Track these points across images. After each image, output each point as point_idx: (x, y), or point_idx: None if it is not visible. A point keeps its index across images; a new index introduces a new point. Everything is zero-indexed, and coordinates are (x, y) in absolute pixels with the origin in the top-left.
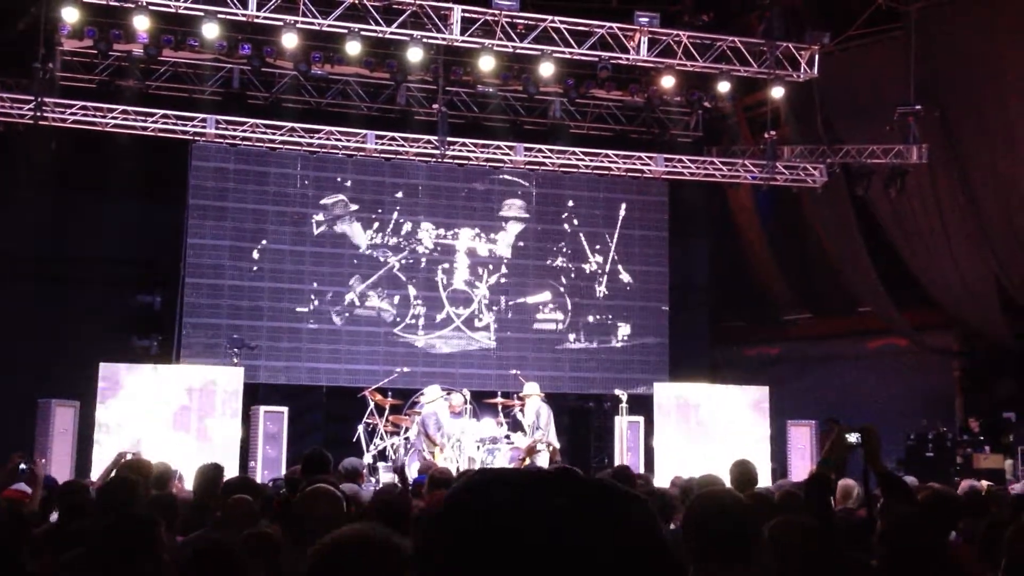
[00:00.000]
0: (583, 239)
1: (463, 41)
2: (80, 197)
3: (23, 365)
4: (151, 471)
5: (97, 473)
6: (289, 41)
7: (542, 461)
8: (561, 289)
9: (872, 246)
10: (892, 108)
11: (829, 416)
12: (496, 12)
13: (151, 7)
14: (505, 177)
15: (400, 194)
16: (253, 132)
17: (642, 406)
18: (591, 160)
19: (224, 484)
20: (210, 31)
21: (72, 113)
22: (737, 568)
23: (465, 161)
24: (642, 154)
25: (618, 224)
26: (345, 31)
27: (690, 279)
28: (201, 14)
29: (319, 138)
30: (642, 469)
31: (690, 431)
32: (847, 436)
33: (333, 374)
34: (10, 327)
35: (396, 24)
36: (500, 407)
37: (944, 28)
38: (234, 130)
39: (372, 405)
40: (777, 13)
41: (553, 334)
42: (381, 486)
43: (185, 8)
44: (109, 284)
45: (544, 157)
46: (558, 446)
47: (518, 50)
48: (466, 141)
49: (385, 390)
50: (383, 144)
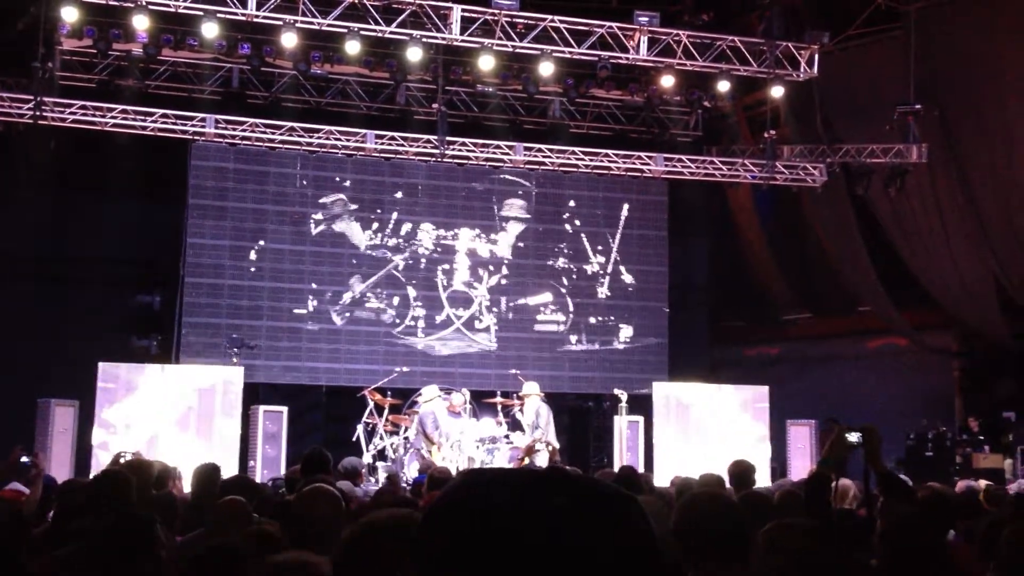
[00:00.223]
0: (584, 239)
1: (463, 40)
2: (80, 197)
3: (23, 365)
4: (151, 471)
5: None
6: (288, 40)
7: (541, 461)
8: (562, 290)
9: (872, 246)
10: (892, 108)
11: (829, 416)
12: (496, 12)
13: (150, 7)
14: (505, 177)
15: (400, 194)
16: (253, 132)
17: (641, 406)
18: (591, 160)
19: (222, 484)
20: (209, 30)
21: (72, 113)
22: (735, 568)
23: (465, 161)
24: (642, 154)
25: (620, 224)
26: (344, 30)
27: (690, 279)
28: (200, 13)
29: (319, 138)
30: (641, 469)
31: (689, 431)
32: (848, 436)
33: (333, 374)
34: (10, 327)
35: (396, 23)
36: (499, 407)
37: (943, 28)
38: (234, 130)
39: (371, 405)
40: (777, 13)
41: (554, 335)
42: (381, 486)
43: (184, 8)
44: (109, 284)
45: (544, 157)
46: (557, 446)
47: (518, 50)
48: (466, 141)
49: (384, 390)
50: (383, 144)
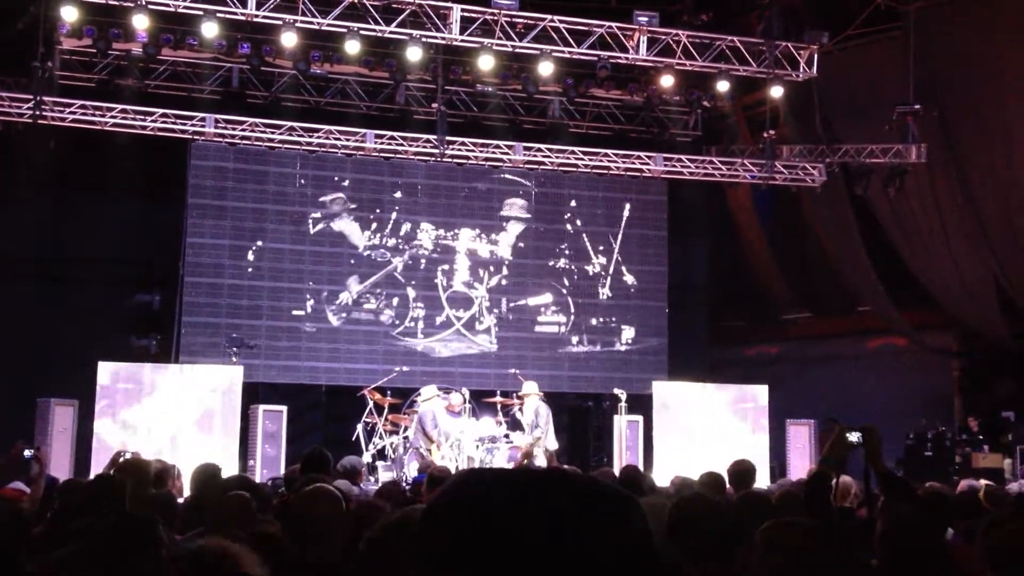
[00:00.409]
0: (585, 239)
1: (462, 40)
2: (79, 197)
3: (22, 364)
4: (147, 471)
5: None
6: (288, 40)
7: (540, 462)
8: (563, 291)
9: (871, 246)
10: (891, 108)
11: (828, 415)
12: (495, 11)
13: (150, 6)
14: (506, 176)
15: (399, 194)
16: (252, 131)
17: (641, 405)
18: (590, 159)
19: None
20: (209, 30)
21: (71, 112)
22: (726, 567)
23: (464, 160)
24: (641, 153)
25: (622, 224)
26: (344, 30)
27: (689, 279)
28: (200, 13)
29: (318, 137)
30: (641, 468)
31: (689, 430)
32: (848, 435)
33: (332, 373)
34: (9, 326)
35: (395, 23)
36: (499, 406)
37: (943, 28)
38: (233, 129)
39: (371, 404)
40: (776, 13)
41: (555, 337)
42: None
43: (184, 7)
44: (108, 283)
45: (543, 156)
46: (556, 446)
47: (517, 49)
48: (465, 140)
49: (384, 389)
50: (382, 143)
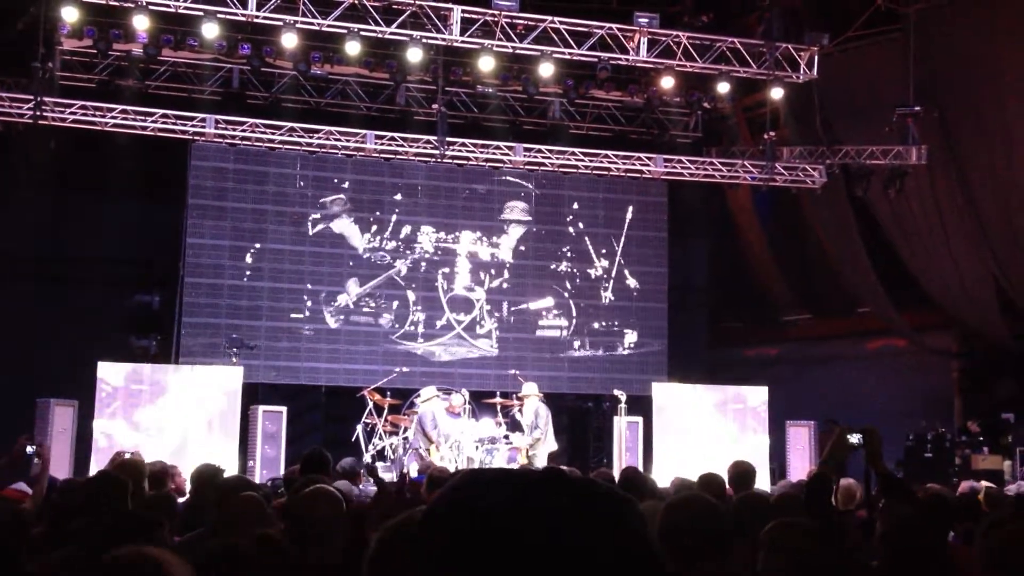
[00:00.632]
0: (588, 242)
1: (463, 41)
2: (79, 197)
3: (22, 364)
4: (143, 471)
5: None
6: (289, 41)
7: (540, 463)
8: (565, 294)
9: (871, 247)
10: (891, 109)
11: (828, 417)
12: (496, 12)
13: (151, 7)
14: (507, 179)
15: (399, 196)
16: (252, 132)
17: (641, 406)
18: (590, 161)
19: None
20: (210, 31)
21: (72, 113)
22: (717, 567)
23: (464, 161)
24: (641, 155)
25: (625, 227)
26: (345, 31)
27: (689, 280)
28: (201, 14)
29: (318, 138)
30: (641, 470)
31: (689, 431)
32: (849, 437)
33: (332, 374)
34: (9, 326)
35: (396, 24)
36: (499, 407)
37: (943, 29)
38: (233, 130)
39: (371, 405)
40: (776, 14)
41: (557, 341)
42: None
43: (185, 8)
44: (108, 284)
45: (543, 158)
46: (556, 447)
47: (518, 50)
48: (465, 141)
49: (384, 390)
50: (382, 144)
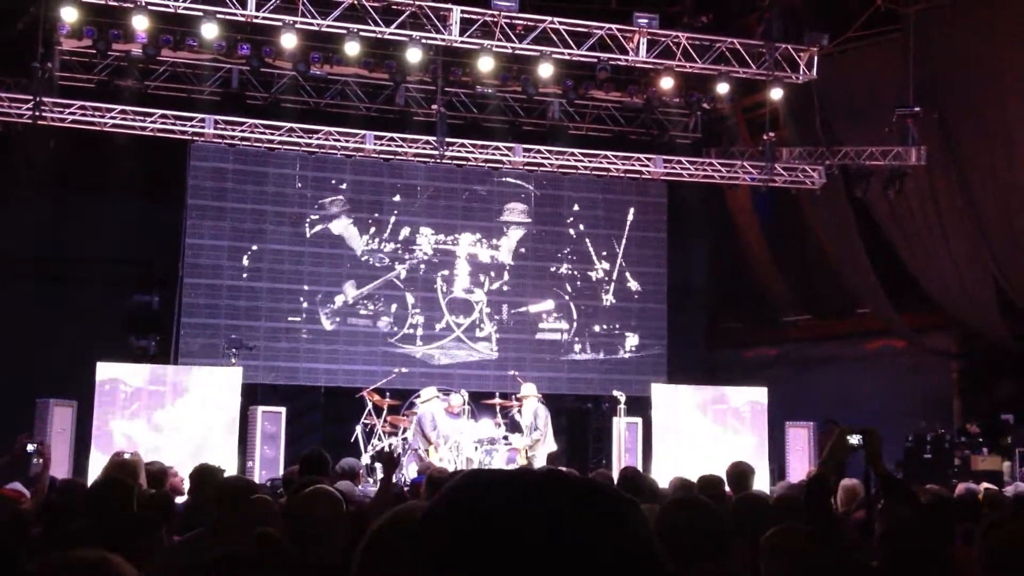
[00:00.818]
0: (588, 244)
1: (462, 42)
2: (79, 197)
3: (21, 365)
4: (137, 471)
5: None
6: (288, 41)
7: (539, 464)
8: (566, 297)
9: (871, 247)
10: (891, 110)
11: (827, 417)
12: (495, 13)
13: (150, 7)
14: (507, 180)
15: (398, 196)
16: (252, 132)
17: (640, 407)
18: (590, 161)
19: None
20: (209, 31)
21: (71, 113)
22: (711, 568)
23: (464, 162)
24: (641, 155)
25: (626, 228)
26: (344, 31)
27: (688, 281)
28: (200, 14)
29: (318, 138)
30: (640, 470)
31: (688, 432)
32: (849, 438)
33: (331, 375)
34: (8, 327)
35: (395, 25)
36: (498, 408)
37: (943, 30)
38: (233, 130)
39: (370, 406)
40: (776, 15)
41: (558, 344)
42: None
43: (184, 8)
44: (108, 284)
45: (543, 158)
46: (555, 448)
47: (517, 51)
48: (465, 142)
49: (383, 391)
50: (382, 144)
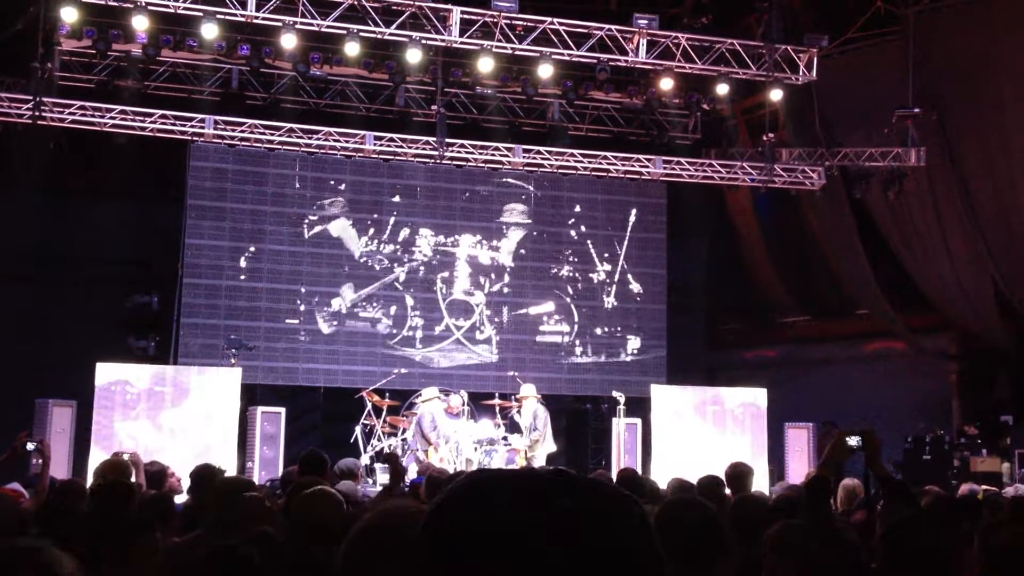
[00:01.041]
0: (590, 246)
1: (462, 42)
2: (79, 197)
3: (20, 365)
4: (128, 471)
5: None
6: (288, 42)
7: (539, 464)
8: (567, 299)
9: (870, 249)
10: (890, 111)
11: (826, 419)
12: (495, 14)
13: (150, 7)
14: (507, 181)
15: (397, 198)
16: (251, 132)
17: (640, 408)
18: (589, 162)
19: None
20: (209, 31)
21: (71, 113)
22: (707, 570)
23: (464, 163)
24: (640, 156)
25: (628, 229)
26: (344, 32)
27: (688, 282)
28: (200, 14)
29: (318, 139)
30: (639, 471)
31: (687, 433)
32: (847, 439)
33: (330, 375)
34: (8, 327)
35: (395, 25)
36: (497, 408)
37: (942, 32)
38: (232, 130)
39: (369, 406)
40: (776, 16)
41: (559, 347)
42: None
43: (184, 8)
44: (107, 284)
45: (543, 159)
46: (554, 449)
47: (517, 52)
48: (465, 143)
49: (382, 391)
50: (381, 145)
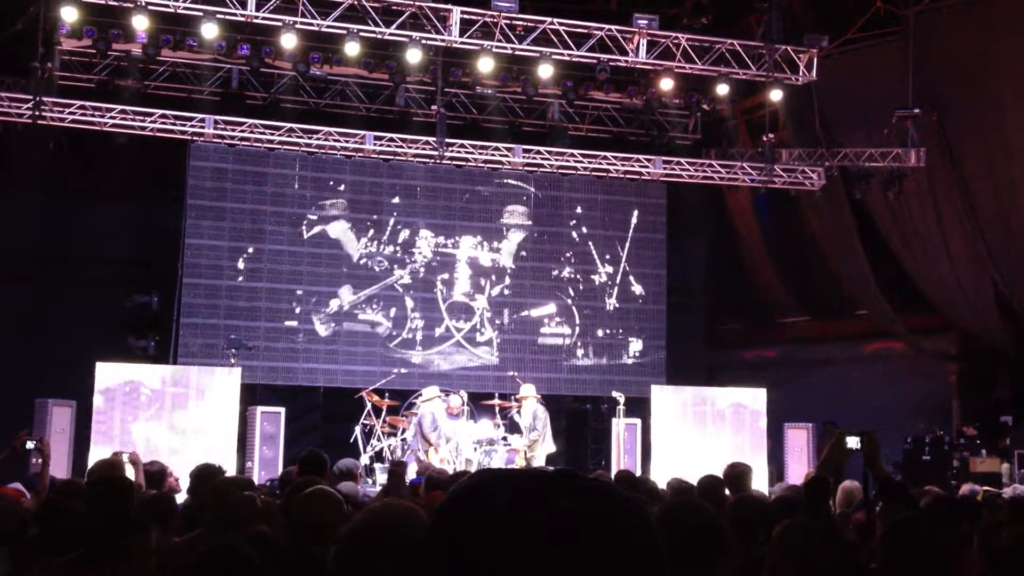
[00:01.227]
0: (591, 247)
1: (462, 42)
2: (79, 197)
3: (20, 365)
4: (122, 471)
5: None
6: (288, 42)
7: (540, 463)
8: (568, 301)
9: (870, 249)
10: (890, 111)
11: (826, 419)
12: (495, 14)
13: (150, 7)
14: (507, 181)
15: (397, 199)
16: (251, 132)
17: (639, 408)
18: (589, 162)
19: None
20: (209, 31)
21: (71, 113)
22: (707, 572)
23: (464, 163)
24: (640, 156)
25: (630, 231)
26: (344, 32)
27: (688, 282)
28: (200, 14)
29: (318, 139)
30: (639, 472)
31: (687, 434)
32: (847, 440)
33: (330, 375)
34: (7, 327)
35: (395, 25)
36: (497, 409)
37: (942, 32)
38: (232, 130)
39: (369, 406)
40: (776, 16)
41: (560, 349)
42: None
43: (184, 8)
44: (106, 284)
45: (543, 159)
46: (554, 449)
47: (517, 52)
48: (464, 143)
49: (382, 391)
50: (381, 145)
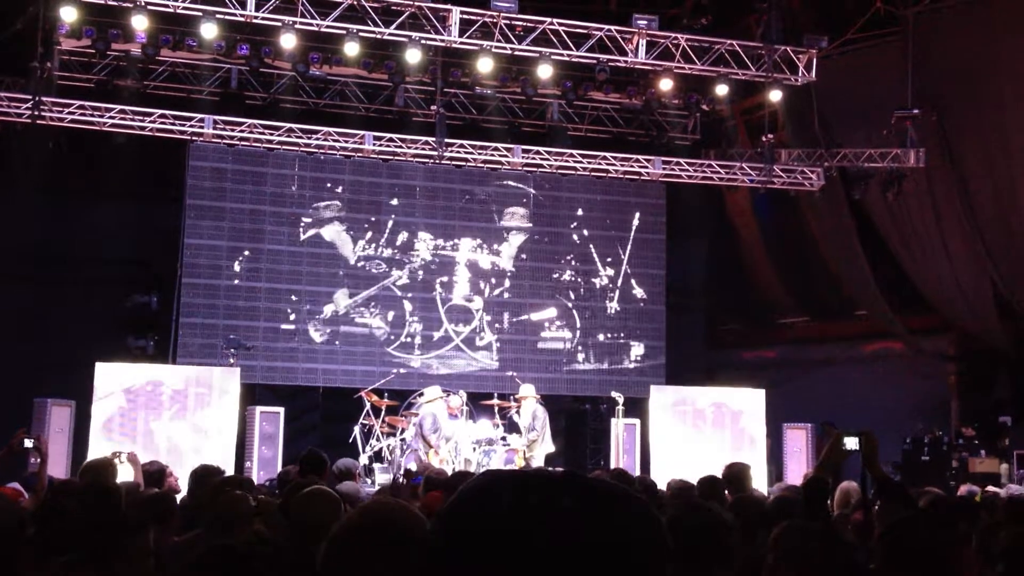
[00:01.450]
0: (592, 248)
1: (461, 43)
2: (78, 197)
3: (20, 364)
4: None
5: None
6: (287, 42)
7: (538, 463)
8: (568, 304)
9: (869, 250)
10: (889, 112)
11: (825, 420)
12: (495, 14)
13: (149, 7)
14: (507, 182)
15: (396, 200)
16: (251, 132)
17: (639, 408)
18: (589, 162)
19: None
20: (208, 31)
21: (70, 113)
22: (700, 570)
23: (463, 163)
24: (640, 157)
25: (632, 232)
26: (343, 32)
27: (687, 282)
28: (199, 14)
29: (317, 139)
30: (638, 472)
31: (686, 434)
32: (846, 440)
33: (330, 375)
34: (7, 326)
35: (395, 25)
36: (496, 408)
37: (942, 32)
38: (232, 130)
39: (368, 406)
40: (775, 17)
41: (560, 353)
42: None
43: (183, 8)
44: (106, 284)
45: (542, 159)
46: (553, 449)
47: (516, 52)
48: (464, 143)
49: (381, 391)
50: (381, 145)
